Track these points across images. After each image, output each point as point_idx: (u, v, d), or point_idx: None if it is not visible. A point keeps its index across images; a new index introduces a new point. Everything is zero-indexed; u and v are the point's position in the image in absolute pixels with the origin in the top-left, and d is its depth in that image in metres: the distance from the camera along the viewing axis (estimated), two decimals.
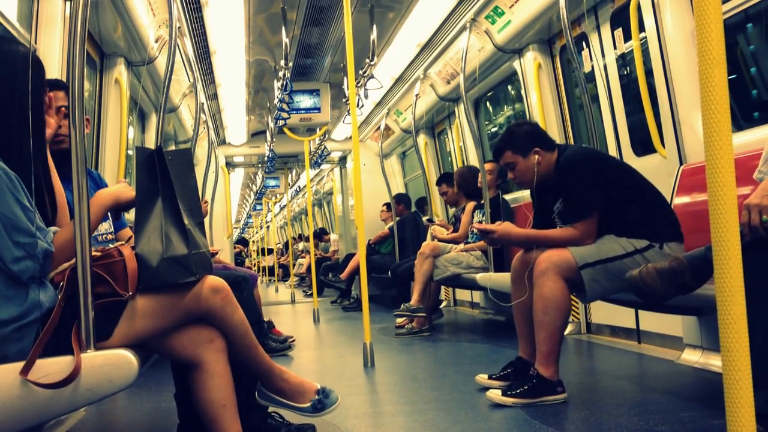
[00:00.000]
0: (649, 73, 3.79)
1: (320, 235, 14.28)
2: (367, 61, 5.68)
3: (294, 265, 14.32)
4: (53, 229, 1.83)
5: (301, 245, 16.52)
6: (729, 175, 1.18)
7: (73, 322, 1.70)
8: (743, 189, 2.57)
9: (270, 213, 20.23)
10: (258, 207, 19.59)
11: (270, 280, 18.95)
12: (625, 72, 4.29)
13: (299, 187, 15.20)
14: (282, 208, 20.43)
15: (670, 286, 2.30)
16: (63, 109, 2.30)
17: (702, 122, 1.22)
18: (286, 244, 18.52)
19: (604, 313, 4.65)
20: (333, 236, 12.80)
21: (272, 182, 14.07)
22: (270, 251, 20.76)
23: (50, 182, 2.01)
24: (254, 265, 21.89)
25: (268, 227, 22.70)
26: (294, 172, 13.16)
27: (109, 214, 2.38)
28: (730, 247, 1.18)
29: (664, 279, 2.31)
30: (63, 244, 1.79)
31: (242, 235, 25.96)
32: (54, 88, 2.30)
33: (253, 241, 24.66)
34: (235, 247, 12.98)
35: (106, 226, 2.66)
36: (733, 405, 1.17)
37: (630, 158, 4.19)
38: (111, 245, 1.94)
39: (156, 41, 4.80)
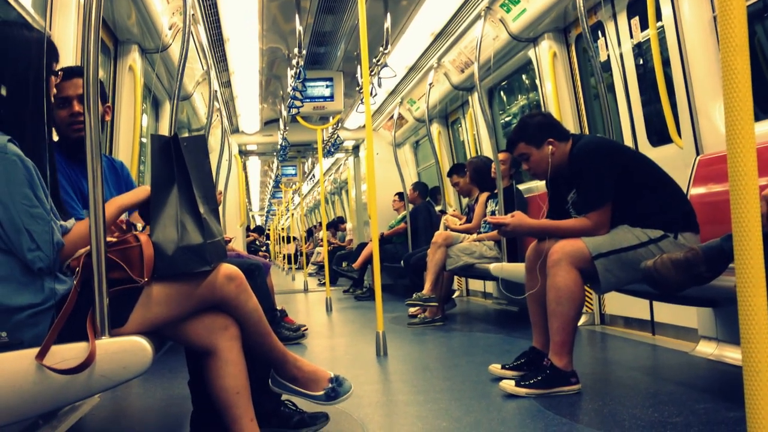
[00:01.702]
0: (665, 63, 3.76)
1: (336, 223, 14.25)
2: (381, 49, 5.65)
3: (313, 253, 14.28)
4: (70, 222, 1.84)
5: (321, 233, 16.50)
6: (751, 164, 1.16)
7: (89, 309, 1.71)
8: (763, 179, 2.55)
9: (290, 202, 20.23)
10: (278, 195, 19.59)
11: (290, 268, 18.95)
12: (642, 61, 4.25)
13: (314, 175, 15.20)
14: (303, 197, 20.46)
15: (684, 276, 2.29)
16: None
17: (724, 110, 1.20)
18: (309, 232, 18.48)
19: (617, 304, 4.63)
20: (348, 225, 12.78)
21: (290, 170, 14.05)
22: (293, 239, 20.71)
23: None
24: (279, 253, 21.71)
25: (292, 215, 22.69)
26: (310, 161, 13.16)
27: None
28: (752, 237, 1.16)
29: (679, 269, 2.29)
30: (79, 236, 1.80)
31: (268, 222, 25.85)
32: (75, 76, 2.30)
33: (282, 228, 24.57)
34: (248, 235, 12.96)
35: None
36: (753, 398, 1.16)
37: (646, 148, 4.16)
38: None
39: (170, 28, 4.80)
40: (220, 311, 1.96)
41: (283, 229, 24.41)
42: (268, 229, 26.42)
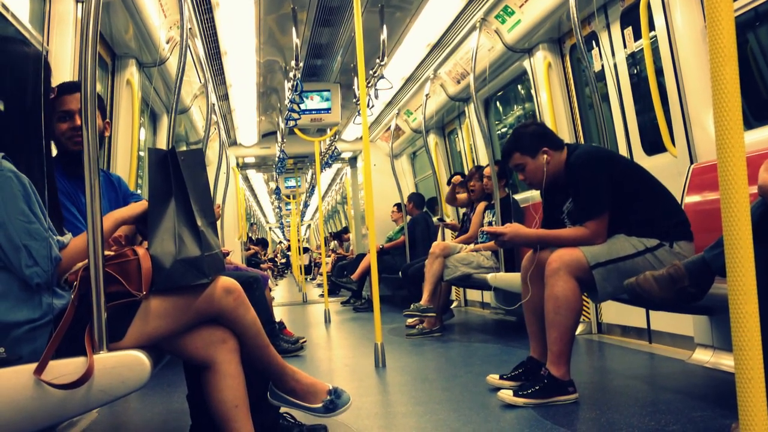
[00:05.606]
0: (659, 72, 3.78)
1: (340, 234, 14.23)
2: (378, 61, 5.67)
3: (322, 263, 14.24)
4: (67, 237, 1.84)
5: (332, 244, 16.44)
6: (741, 173, 1.18)
7: (86, 323, 1.71)
8: (754, 188, 2.56)
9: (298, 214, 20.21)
10: (289, 206, 19.54)
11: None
12: (635, 71, 4.28)
13: (312, 187, 15.19)
14: (315, 211, 20.37)
15: (669, 292, 2.29)
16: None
17: (713, 120, 1.21)
18: (326, 242, 18.44)
19: (615, 312, 4.64)
20: (352, 235, 12.79)
21: (293, 182, 14.04)
22: (307, 250, 20.53)
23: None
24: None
25: (309, 226, 22.47)
26: (310, 173, 13.15)
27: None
28: (743, 245, 1.17)
29: (662, 286, 2.29)
30: (77, 251, 1.80)
31: (284, 233, 25.59)
32: (78, 90, 2.31)
33: (300, 240, 24.47)
34: (249, 248, 12.89)
35: None
36: (746, 404, 1.17)
37: (640, 157, 4.18)
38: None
39: (167, 42, 4.82)
40: (218, 324, 1.96)
41: (299, 241, 24.32)
42: (288, 240, 26.29)
